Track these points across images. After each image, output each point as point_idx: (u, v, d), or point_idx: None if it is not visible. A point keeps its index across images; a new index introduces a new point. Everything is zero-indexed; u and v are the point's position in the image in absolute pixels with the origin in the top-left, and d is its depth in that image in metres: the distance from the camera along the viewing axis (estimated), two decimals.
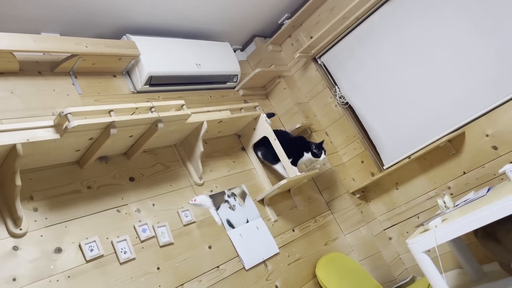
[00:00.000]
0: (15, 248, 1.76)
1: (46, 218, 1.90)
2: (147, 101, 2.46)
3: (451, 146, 2.92)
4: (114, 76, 2.62)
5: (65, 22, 2.39)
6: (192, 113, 2.44)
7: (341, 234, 3.26)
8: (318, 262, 2.87)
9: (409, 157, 3.04)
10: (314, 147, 2.94)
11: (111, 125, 1.94)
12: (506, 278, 2.37)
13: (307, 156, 2.94)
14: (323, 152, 2.93)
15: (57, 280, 1.79)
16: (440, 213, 2.54)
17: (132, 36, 2.64)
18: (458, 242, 2.67)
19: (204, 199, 2.52)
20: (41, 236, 1.85)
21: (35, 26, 2.31)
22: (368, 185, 3.31)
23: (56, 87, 2.29)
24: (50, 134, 1.80)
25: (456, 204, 2.57)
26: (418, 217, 3.14)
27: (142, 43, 2.63)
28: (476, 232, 2.45)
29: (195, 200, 2.48)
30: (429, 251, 2.22)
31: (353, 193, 3.30)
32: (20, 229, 1.79)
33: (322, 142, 2.98)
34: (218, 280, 2.33)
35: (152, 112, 2.15)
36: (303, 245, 2.93)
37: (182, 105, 2.32)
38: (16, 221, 1.78)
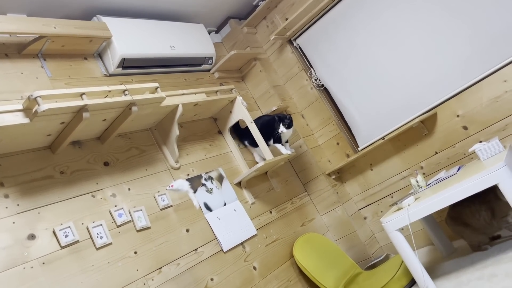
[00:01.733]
0: None
1: (18, 205, 1.86)
2: (120, 84, 2.41)
3: (423, 126, 2.99)
4: (85, 58, 2.55)
5: (31, 2, 2.30)
6: (166, 96, 2.41)
7: (317, 214, 3.31)
8: (295, 242, 2.91)
9: (383, 138, 3.10)
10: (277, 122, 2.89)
11: (83, 108, 1.89)
12: (475, 253, 2.46)
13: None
14: (281, 125, 2.87)
15: (32, 267, 1.76)
16: (413, 192, 2.61)
17: (103, 17, 2.56)
18: (430, 219, 2.75)
19: (181, 184, 2.51)
20: (13, 223, 1.81)
21: (0, 7, 2.22)
22: (344, 166, 3.36)
23: (24, 70, 2.22)
24: (19, 119, 1.75)
25: (428, 183, 2.64)
26: (392, 197, 3.22)
27: (113, 24, 2.56)
28: (446, 220, 2.54)
29: (172, 186, 2.46)
30: (402, 229, 2.28)
31: (329, 175, 3.35)
32: None
33: (282, 116, 2.90)
34: (196, 263, 2.34)
35: (125, 95, 2.11)
36: (280, 227, 2.97)
37: (156, 88, 2.28)
38: None
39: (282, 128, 2.88)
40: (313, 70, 3.45)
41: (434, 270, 2.55)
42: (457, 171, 2.50)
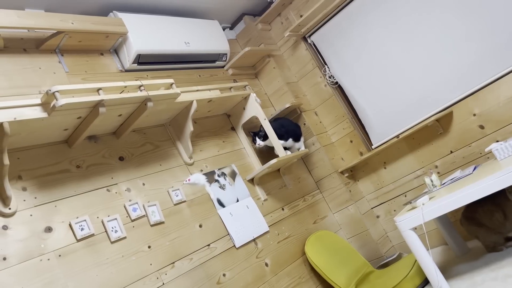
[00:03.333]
0: (5, 227, 1.75)
1: (35, 198, 1.89)
2: (136, 80, 2.43)
3: (438, 125, 2.96)
4: (102, 54, 2.57)
5: None
6: (181, 92, 2.42)
7: (329, 212, 3.30)
8: (307, 240, 2.91)
9: (397, 136, 3.07)
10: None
11: (100, 103, 1.91)
12: (489, 254, 2.43)
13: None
14: (257, 138, 2.91)
15: (48, 259, 1.79)
16: (427, 191, 2.58)
17: (119, 13, 2.58)
18: (444, 219, 2.72)
19: (198, 177, 2.53)
20: (31, 215, 1.84)
21: (18, 2, 2.24)
22: (357, 165, 3.34)
23: (42, 65, 2.25)
24: (37, 113, 1.77)
25: (443, 183, 2.61)
26: (405, 196, 3.19)
27: (129, 20, 2.58)
28: (460, 220, 2.51)
29: (188, 180, 2.48)
30: (415, 228, 2.27)
31: (342, 173, 3.33)
32: (9, 209, 1.77)
33: (256, 131, 2.94)
34: (208, 258, 2.35)
35: (141, 90, 2.13)
36: (292, 224, 2.97)
37: (171, 84, 2.29)
38: (5, 201, 1.76)
39: (258, 141, 2.90)
40: (327, 67, 3.43)
41: (447, 270, 2.53)
42: (473, 170, 2.47)
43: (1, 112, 1.66)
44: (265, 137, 2.89)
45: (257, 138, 2.91)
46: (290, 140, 3.02)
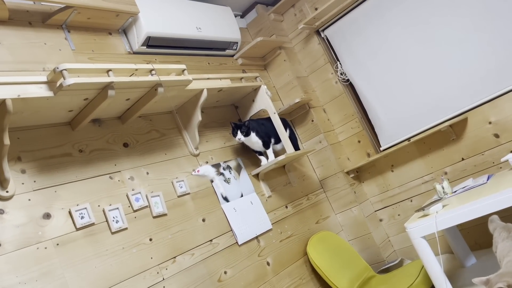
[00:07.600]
0: (1, 211, 1.63)
1: (34, 181, 1.77)
2: (146, 63, 2.31)
3: (452, 131, 2.88)
4: (110, 33, 2.44)
5: None
6: (192, 79, 2.31)
7: (332, 213, 3.22)
8: (309, 240, 2.83)
9: (408, 139, 2.98)
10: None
11: (109, 86, 1.79)
12: (497, 266, 2.36)
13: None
14: (239, 132, 2.63)
15: (45, 248, 1.68)
16: (438, 199, 2.51)
17: None
18: (451, 227, 2.65)
19: (207, 169, 2.42)
20: (29, 200, 1.72)
21: None
22: (363, 166, 3.26)
23: (48, 40, 2.11)
24: (43, 91, 1.65)
25: (454, 190, 2.54)
26: (411, 201, 3.12)
27: (141, 0, 2.45)
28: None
29: (197, 171, 2.37)
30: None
31: (347, 173, 3.25)
32: (7, 191, 1.65)
33: (239, 124, 2.67)
34: (210, 254, 2.26)
35: (152, 75, 2.01)
36: (295, 222, 2.88)
37: (183, 70, 2.18)
38: (3, 183, 1.64)
39: (239, 136, 2.62)
40: (340, 63, 3.33)
41: (453, 280, 2.46)
42: (487, 180, 2.40)
43: (4, 88, 1.54)
44: (247, 133, 2.63)
45: (239, 132, 2.62)
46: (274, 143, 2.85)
